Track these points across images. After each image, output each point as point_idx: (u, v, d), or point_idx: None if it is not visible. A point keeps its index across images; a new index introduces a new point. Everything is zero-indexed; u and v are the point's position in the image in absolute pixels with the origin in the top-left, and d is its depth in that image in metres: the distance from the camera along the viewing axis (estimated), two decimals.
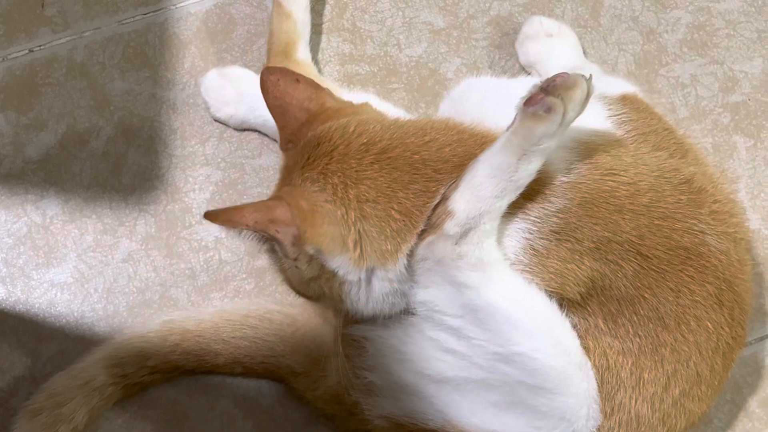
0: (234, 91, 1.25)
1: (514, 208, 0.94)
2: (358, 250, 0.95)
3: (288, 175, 0.97)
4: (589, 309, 0.98)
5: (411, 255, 0.94)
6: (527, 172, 0.90)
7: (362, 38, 1.33)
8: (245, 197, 1.27)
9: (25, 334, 1.24)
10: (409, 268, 0.95)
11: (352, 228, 0.93)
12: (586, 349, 0.98)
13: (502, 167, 0.90)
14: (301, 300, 1.14)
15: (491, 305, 0.93)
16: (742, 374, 1.26)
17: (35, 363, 1.22)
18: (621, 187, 0.95)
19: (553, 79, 0.88)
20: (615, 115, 1.02)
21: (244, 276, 1.26)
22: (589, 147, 0.96)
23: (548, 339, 0.95)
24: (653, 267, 0.96)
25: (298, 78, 1.01)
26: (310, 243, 0.94)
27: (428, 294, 0.96)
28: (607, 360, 0.99)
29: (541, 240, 0.94)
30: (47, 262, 1.26)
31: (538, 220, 0.94)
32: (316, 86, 1.02)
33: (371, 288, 0.98)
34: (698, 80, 1.35)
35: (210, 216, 0.92)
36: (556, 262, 0.95)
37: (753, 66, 1.36)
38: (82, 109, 1.30)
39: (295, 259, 0.96)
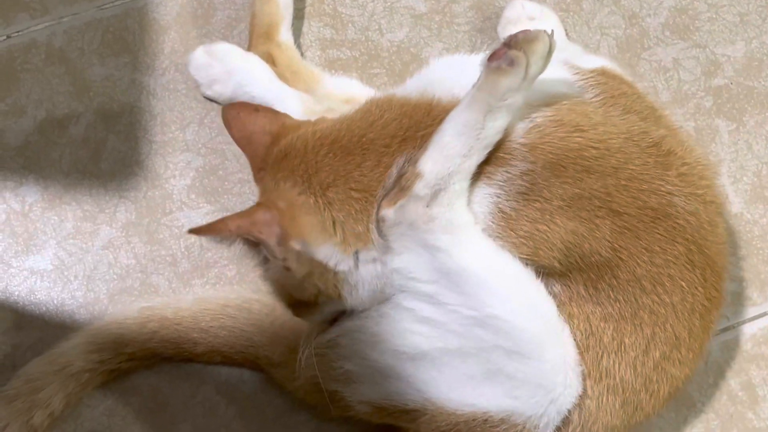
0: (222, 68, 1.24)
1: (479, 174, 0.95)
2: (339, 233, 0.97)
3: (264, 192, 1.02)
4: (570, 276, 0.99)
5: (382, 221, 0.96)
6: (494, 129, 0.92)
7: (343, 23, 1.34)
8: (226, 183, 1.27)
9: (4, 321, 1.24)
10: (383, 236, 0.97)
11: (325, 214, 0.97)
12: (571, 315, 1.00)
13: (468, 125, 0.91)
14: None
15: (464, 268, 0.95)
16: (725, 358, 1.28)
17: (15, 351, 1.22)
18: (590, 145, 0.96)
19: (515, 34, 0.91)
20: (583, 79, 1.03)
21: (225, 262, 1.26)
22: (553, 106, 0.97)
23: (522, 302, 0.97)
24: (626, 225, 0.97)
25: (256, 108, 1.06)
26: (295, 237, 0.96)
27: (402, 260, 0.97)
28: (591, 326, 1.00)
29: (509, 202, 0.95)
30: (26, 250, 1.26)
31: (504, 184, 0.95)
32: (275, 112, 1.07)
33: (360, 273, 0.99)
34: (680, 64, 1.36)
35: (194, 231, 0.97)
36: (525, 223, 0.96)
37: (735, 49, 1.37)
38: (61, 95, 1.30)
39: (285, 259, 0.98)
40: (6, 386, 1.16)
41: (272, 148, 1.03)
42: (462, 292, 0.96)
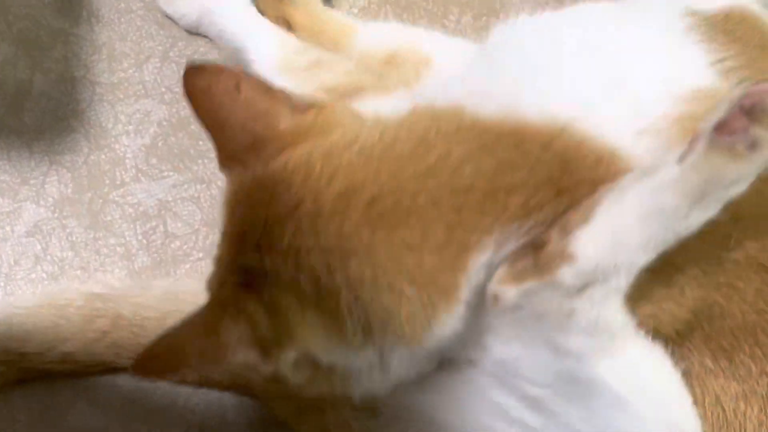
0: None
1: None
2: (359, 334, 0.86)
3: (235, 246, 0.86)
4: (689, 345, 0.91)
5: (494, 300, 0.86)
6: (699, 220, 0.83)
7: None
8: (201, 142, 1.14)
9: None
10: (484, 310, 0.86)
11: (346, 320, 0.85)
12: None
13: (666, 211, 0.83)
14: None
15: (598, 382, 0.86)
16: None
17: None
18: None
19: (760, 94, 0.80)
20: (719, 61, 0.90)
21: (200, 255, 1.15)
22: None
23: (662, 427, 0.88)
24: None
25: (238, 84, 0.92)
26: (289, 350, 0.87)
27: (510, 351, 0.88)
28: (723, 408, 0.91)
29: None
30: None
31: None
32: (265, 93, 0.92)
33: (388, 368, 0.90)
34: None
35: (137, 371, 0.85)
36: (649, 304, 0.88)
37: None
38: None
39: (275, 371, 0.89)
40: None
41: (253, 155, 0.90)
42: (585, 406, 0.88)
